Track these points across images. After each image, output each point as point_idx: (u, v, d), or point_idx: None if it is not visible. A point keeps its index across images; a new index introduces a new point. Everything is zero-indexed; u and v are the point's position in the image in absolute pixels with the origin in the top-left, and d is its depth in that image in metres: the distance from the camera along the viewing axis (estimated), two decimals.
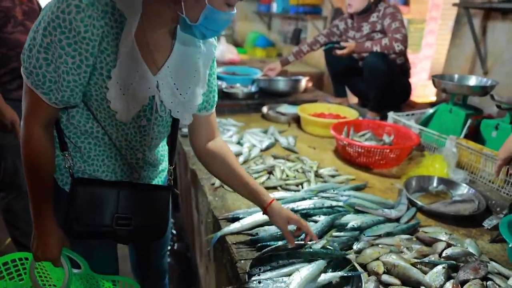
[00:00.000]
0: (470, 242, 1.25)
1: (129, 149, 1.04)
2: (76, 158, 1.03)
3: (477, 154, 1.74)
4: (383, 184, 1.78)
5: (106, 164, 1.05)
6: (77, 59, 0.84)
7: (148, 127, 1.02)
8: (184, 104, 1.04)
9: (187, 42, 0.99)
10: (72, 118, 0.98)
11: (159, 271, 1.50)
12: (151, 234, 1.12)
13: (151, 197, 1.10)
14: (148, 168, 1.14)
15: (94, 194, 1.00)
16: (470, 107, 2.09)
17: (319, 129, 2.40)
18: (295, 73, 3.95)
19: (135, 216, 1.05)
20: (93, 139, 1.01)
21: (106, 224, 1.02)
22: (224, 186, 1.65)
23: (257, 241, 1.21)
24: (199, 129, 1.16)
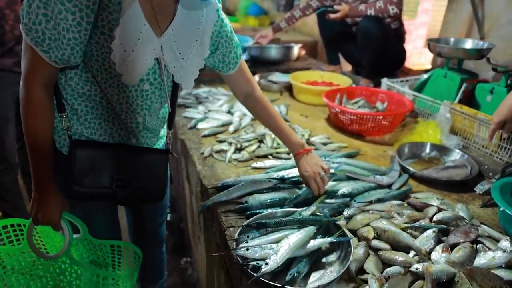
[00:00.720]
0: (462, 207, 1.24)
1: (130, 112, 1.03)
2: (73, 121, 1.03)
3: (471, 119, 1.71)
4: (376, 151, 1.75)
5: (103, 127, 1.05)
6: (78, 16, 0.81)
7: (150, 91, 1.01)
8: (185, 68, 1.04)
9: (190, 6, 0.98)
10: (70, 80, 0.96)
11: (157, 239, 1.50)
12: (151, 196, 1.14)
13: (150, 160, 1.11)
14: (147, 133, 1.13)
15: (93, 156, 1.01)
16: (466, 72, 2.04)
17: (311, 97, 2.34)
18: (288, 41, 3.83)
19: (134, 178, 1.07)
20: (90, 102, 1.00)
21: (105, 186, 1.03)
22: (214, 155, 1.61)
23: (246, 209, 1.19)
24: (234, 86, 1.24)
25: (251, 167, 1.53)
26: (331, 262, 0.97)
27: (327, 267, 0.95)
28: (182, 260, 2.26)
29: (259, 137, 1.75)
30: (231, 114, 2.08)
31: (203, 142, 1.78)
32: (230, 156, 1.59)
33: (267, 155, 1.62)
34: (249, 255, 0.90)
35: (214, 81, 2.69)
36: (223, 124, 1.94)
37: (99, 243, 1.17)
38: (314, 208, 1.11)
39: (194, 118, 1.99)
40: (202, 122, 1.95)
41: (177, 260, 2.26)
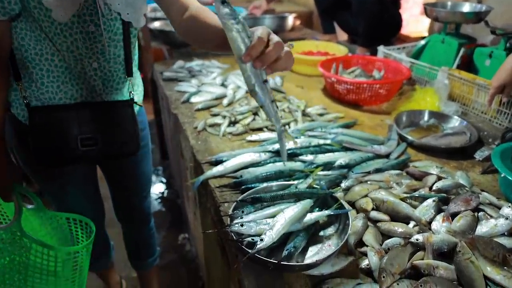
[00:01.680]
0: (461, 174, 1.21)
1: (83, 59, 0.99)
2: (30, 88, 0.99)
3: (470, 85, 1.66)
4: (373, 121, 1.71)
5: (62, 90, 1.01)
6: None
7: (97, 33, 0.98)
8: (132, 4, 0.99)
9: None
10: (22, 40, 0.94)
11: (142, 214, 1.49)
12: (121, 151, 1.11)
13: (113, 113, 1.07)
14: (108, 83, 1.07)
15: (53, 120, 0.99)
16: (463, 36, 1.97)
17: (306, 67, 2.27)
18: (282, 12, 3.71)
19: (100, 135, 1.04)
20: (44, 64, 0.97)
21: (71, 147, 1.01)
22: (207, 129, 1.57)
23: (241, 184, 1.16)
24: (169, 9, 1.06)
25: (246, 140, 1.48)
26: (329, 236, 0.95)
27: (325, 240, 0.93)
28: (180, 236, 2.26)
29: (254, 109, 1.70)
30: (225, 87, 2.02)
31: (196, 116, 1.72)
32: (224, 130, 1.54)
33: (262, 128, 1.58)
34: (244, 231, 0.87)
35: (207, 54, 2.60)
36: (217, 97, 1.88)
37: (54, 215, 1.17)
38: (311, 180, 1.08)
39: (187, 92, 1.93)
40: (195, 96, 1.89)
41: (175, 236, 2.26)
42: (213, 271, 1.40)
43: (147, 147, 1.39)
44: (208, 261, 1.55)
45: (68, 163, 1.08)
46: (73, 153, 1.03)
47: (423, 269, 0.82)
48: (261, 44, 0.67)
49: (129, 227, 1.40)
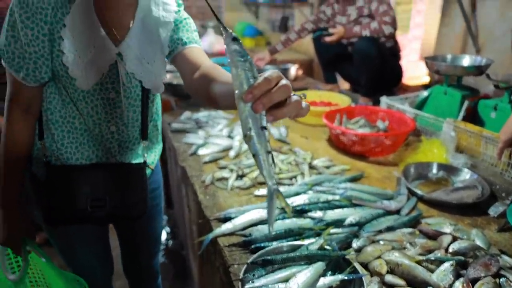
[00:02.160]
0: (477, 232, 1.18)
1: (102, 123, 1.04)
2: (51, 148, 1.04)
3: (477, 137, 1.67)
4: (380, 173, 1.70)
5: (80, 151, 1.06)
6: (35, 30, 0.90)
7: (117, 99, 1.04)
8: (153, 72, 1.04)
9: (147, 13, 1.00)
10: (49, 104, 1.01)
11: (151, 272, 1.46)
12: (129, 213, 1.11)
13: (124, 175, 1.09)
14: (125, 151, 1.11)
15: (67, 180, 1.03)
16: (466, 88, 2.01)
17: (311, 118, 2.30)
18: (284, 61, 3.84)
19: (109, 196, 1.06)
20: (66, 126, 1.03)
21: (81, 208, 1.03)
22: (215, 183, 1.56)
23: (250, 243, 1.13)
24: (183, 69, 1.03)
25: (253, 195, 1.47)
26: None
27: None
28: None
29: None
30: (231, 138, 2.04)
31: (204, 169, 1.72)
32: (231, 184, 1.53)
33: None
34: None
35: None
36: (224, 149, 1.89)
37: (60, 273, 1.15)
38: (322, 241, 1.05)
39: (195, 144, 1.95)
40: (202, 148, 1.90)
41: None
42: None
43: (160, 206, 1.39)
44: None
45: (77, 223, 1.09)
46: (82, 213, 1.04)
47: None
48: (267, 84, 0.56)
49: (137, 284, 1.37)
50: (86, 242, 1.20)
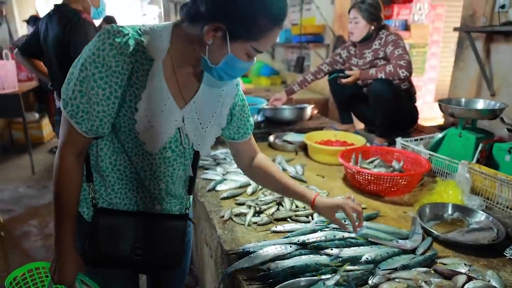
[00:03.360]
0: (492, 274, 1.19)
1: (153, 179, 1.08)
2: (101, 190, 1.08)
3: (492, 179, 1.69)
4: (396, 213, 1.73)
5: (129, 196, 1.10)
6: (107, 91, 0.91)
7: (172, 158, 1.08)
8: (204, 137, 1.12)
9: (212, 83, 1.06)
10: (101, 151, 1.04)
11: None
12: (166, 263, 1.15)
13: (166, 227, 1.13)
14: (170, 199, 1.16)
15: (115, 225, 1.06)
16: (480, 131, 2.06)
17: (326, 156, 2.37)
18: (300, 100, 3.97)
19: (150, 246, 1.09)
20: (116, 172, 1.07)
21: (124, 254, 1.06)
22: (233, 219, 1.62)
23: (268, 277, 1.17)
24: (242, 153, 1.30)
25: (270, 230, 1.52)
26: None
27: None
28: None
29: (278, 199, 1.76)
30: None
31: (222, 204, 1.79)
32: (249, 220, 1.59)
33: (286, 218, 1.62)
34: None
35: None
36: (241, 185, 1.96)
37: None
38: (338, 277, 1.08)
39: (213, 180, 2.03)
40: (220, 184, 1.97)
41: None
42: None
43: (190, 242, 1.41)
44: None
45: (116, 267, 1.11)
46: (124, 259, 1.07)
47: None
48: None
49: None
50: (122, 280, 1.22)
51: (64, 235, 1.00)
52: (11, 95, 4.15)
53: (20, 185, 4.17)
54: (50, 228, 3.27)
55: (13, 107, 4.18)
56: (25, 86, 4.65)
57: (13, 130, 5.56)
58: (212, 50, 0.93)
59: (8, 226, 3.29)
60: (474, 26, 2.80)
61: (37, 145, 5.48)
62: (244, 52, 0.94)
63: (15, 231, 3.22)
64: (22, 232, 3.20)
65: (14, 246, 3.01)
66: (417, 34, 4.97)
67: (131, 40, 0.90)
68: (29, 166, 4.47)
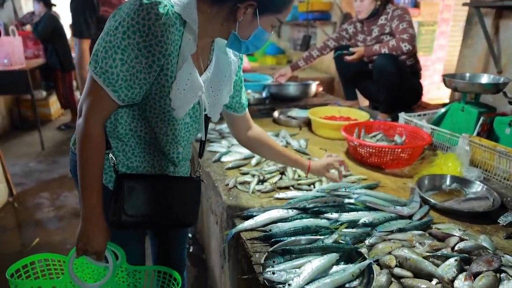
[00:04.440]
0: (485, 238, 1.24)
1: (174, 143, 1.14)
2: (120, 156, 1.12)
3: (491, 152, 1.73)
4: (395, 184, 1.78)
5: (147, 159, 1.15)
6: (150, 60, 0.93)
7: (189, 124, 1.15)
8: (215, 104, 1.19)
9: (221, 51, 1.15)
10: (121, 118, 1.07)
11: (180, 263, 1.56)
12: (186, 221, 1.23)
13: (187, 188, 1.21)
14: (184, 162, 1.25)
15: (138, 187, 1.09)
16: (483, 105, 2.08)
17: (330, 131, 2.41)
18: (305, 79, 3.98)
19: (174, 206, 1.16)
20: (136, 138, 1.11)
21: (149, 214, 1.11)
22: (238, 187, 1.68)
23: (271, 237, 1.24)
24: (238, 125, 1.38)
25: (273, 197, 1.58)
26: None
27: None
28: None
29: (281, 169, 1.82)
30: None
31: (227, 174, 1.85)
32: (253, 187, 1.65)
33: (289, 186, 1.68)
34: (275, 278, 0.94)
35: None
36: (246, 157, 2.02)
37: (133, 270, 1.21)
38: (336, 236, 1.15)
39: (218, 152, 2.09)
40: (225, 156, 2.04)
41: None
42: None
43: None
44: None
45: (142, 228, 1.20)
46: (151, 219, 1.12)
47: None
48: None
49: None
50: (138, 240, 1.30)
51: (94, 204, 1.00)
52: (18, 71, 4.18)
53: (31, 160, 4.28)
54: (61, 200, 3.39)
55: (21, 83, 4.21)
56: (32, 63, 4.70)
57: (22, 108, 5.66)
58: (242, 25, 1.00)
59: (21, 198, 3.41)
60: (484, 0, 2.76)
61: (45, 122, 5.58)
62: (269, 24, 1.03)
63: (28, 203, 3.34)
64: (34, 204, 3.33)
65: (28, 217, 3.14)
66: (426, 11, 4.88)
67: (170, 10, 0.92)
68: (38, 142, 4.57)
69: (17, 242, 2.82)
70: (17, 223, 3.09)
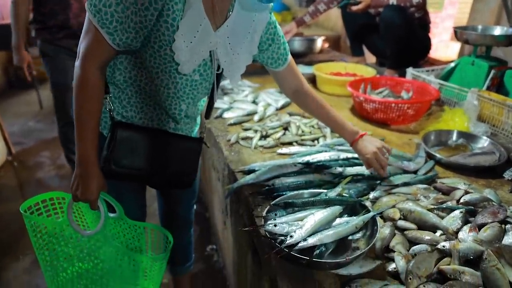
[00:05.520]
0: (490, 191, 1.23)
1: (176, 99, 1.08)
2: (116, 103, 1.08)
3: (500, 106, 1.68)
4: (401, 140, 1.75)
5: (145, 111, 1.10)
6: (147, 1, 0.86)
7: (198, 82, 1.07)
8: (234, 63, 1.10)
9: (245, 6, 1.03)
10: (120, 64, 1.02)
11: (186, 221, 1.56)
12: (182, 182, 1.19)
13: (185, 147, 1.16)
14: (186, 120, 1.18)
15: (133, 138, 1.05)
16: (494, 59, 2.00)
17: (335, 87, 2.35)
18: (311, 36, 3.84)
19: (169, 164, 1.12)
20: (135, 87, 1.06)
21: (142, 168, 1.07)
22: (240, 142, 1.66)
23: (273, 191, 1.22)
24: (283, 81, 1.28)
25: (276, 153, 1.56)
26: (357, 240, 0.99)
27: (353, 244, 0.98)
28: (208, 247, 2.32)
29: (284, 124, 1.78)
30: (256, 104, 2.12)
31: (229, 130, 1.82)
32: (256, 143, 1.63)
33: (292, 142, 1.65)
34: (277, 230, 0.93)
35: None
36: (248, 113, 1.98)
37: (134, 224, 1.22)
38: (340, 189, 1.13)
39: (220, 108, 2.04)
40: (227, 112, 1.99)
41: (202, 248, 2.32)
42: (242, 275, 1.46)
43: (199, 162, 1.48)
44: (238, 267, 1.60)
45: (131, 180, 1.14)
46: (141, 173, 1.07)
47: (449, 274, 0.85)
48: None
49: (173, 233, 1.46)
50: (133, 193, 1.28)
51: (89, 149, 0.97)
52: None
53: (30, 119, 4.24)
54: (62, 159, 3.37)
55: None
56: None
57: None
58: None
59: (21, 157, 3.41)
60: None
61: (42, 81, 5.45)
62: None
63: (28, 162, 3.34)
64: (35, 163, 3.33)
65: (28, 176, 3.14)
66: None
67: None
68: (36, 101, 4.50)
69: (19, 200, 2.85)
70: (18, 182, 3.11)
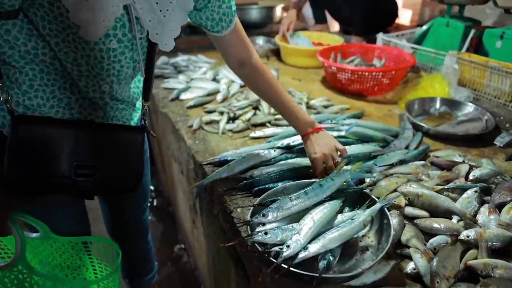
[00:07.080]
0: (487, 162, 1.12)
1: (92, 78, 0.80)
2: (14, 90, 0.78)
3: (482, 68, 1.57)
4: (381, 111, 1.60)
5: (57, 96, 0.81)
6: None
7: (118, 51, 0.79)
8: (164, 23, 0.82)
9: None
10: (7, 34, 0.73)
11: (140, 230, 1.32)
12: (123, 185, 0.91)
13: (120, 140, 0.88)
14: (117, 105, 0.90)
15: (43, 136, 0.78)
16: (468, 19, 1.89)
17: (302, 59, 2.15)
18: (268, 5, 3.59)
19: (100, 164, 0.84)
20: (37, 65, 0.77)
21: (62, 175, 0.80)
22: (204, 127, 1.42)
23: (253, 185, 1.02)
24: (227, 51, 1.02)
25: (249, 137, 1.35)
26: (364, 236, 0.82)
27: (361, 243, 0.80)
28: (176, 248, 2.09)
29: (254, 103, 1.56)
30: (217, 81, 1.88)
31: (189, 114, 1.57)
32: (223, 127, 1.40)
33: (265, 123, 1.44)
34: (269, 240, 0.73)
35: (192, 49, 2.44)
36: (209, 93, 1.73)
37: (68, 241, 0.97)
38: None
39: (176, 89, 1.78)
40: (185, 93, 1.73)
41: (170, 247, 2.09)
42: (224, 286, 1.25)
43: (148, 159, 1.20)
44: (216, 277, 1.39)
45: (51, 193, 0.88)
46: (61, 181, 0.82)
47: (480, 270, 0.71)
48: None
49: (125, 244, 1.19)
50: (64, 205, 0.99)
51: None
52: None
53: None
54: None
55: None
56: None
57: None
58: None
59: None
60: None
61: None
62: None
63: None
64: None
65: None
66: None
67: None
68: None
69: None
70: None
